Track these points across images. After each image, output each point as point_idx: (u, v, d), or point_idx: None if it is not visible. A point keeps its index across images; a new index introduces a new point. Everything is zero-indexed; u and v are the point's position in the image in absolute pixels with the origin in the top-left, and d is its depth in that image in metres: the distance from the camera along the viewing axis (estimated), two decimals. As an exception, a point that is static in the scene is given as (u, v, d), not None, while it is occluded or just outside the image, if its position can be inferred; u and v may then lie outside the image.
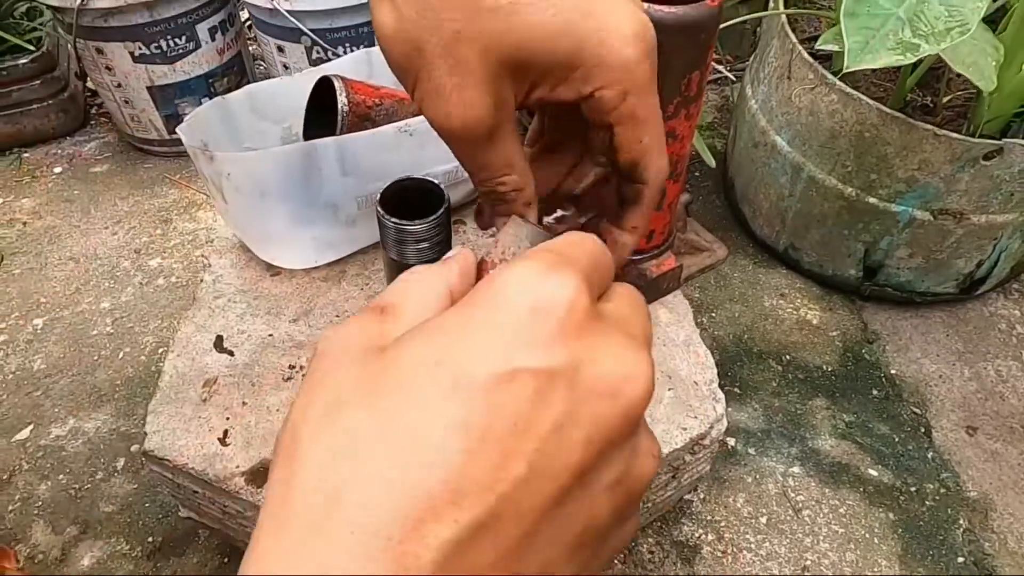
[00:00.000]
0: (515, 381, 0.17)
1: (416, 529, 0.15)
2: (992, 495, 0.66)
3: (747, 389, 0.75)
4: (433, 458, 0.16)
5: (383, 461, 0.17)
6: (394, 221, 0.32)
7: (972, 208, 0.69)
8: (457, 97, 0.27)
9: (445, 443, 0.16)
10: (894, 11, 0.49)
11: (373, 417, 0.17)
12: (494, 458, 0.16)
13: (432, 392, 0.17)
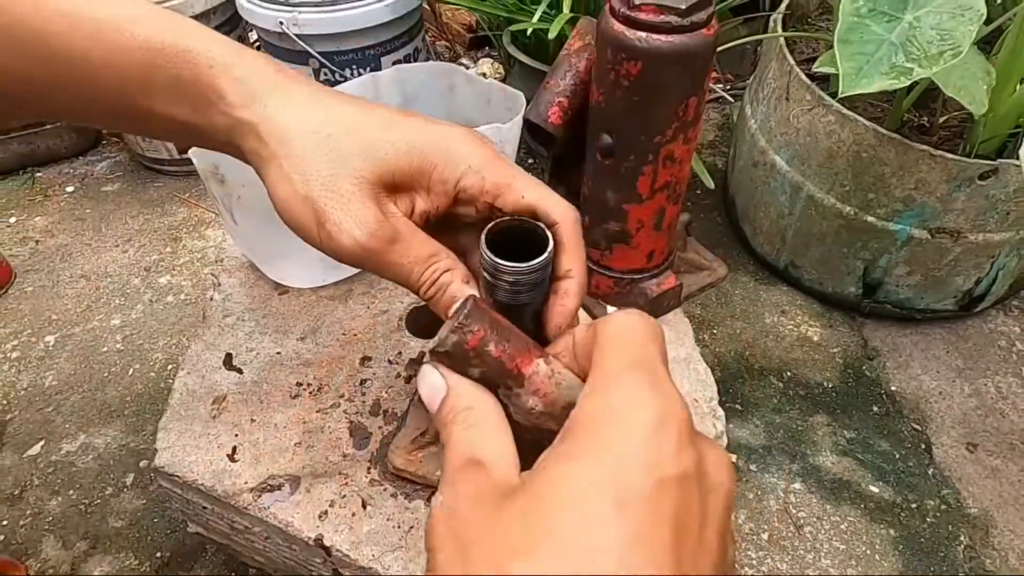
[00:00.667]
0: (666, 490, 0.20)
1: None
2: (993, 512, 0.66)
3: (748, 406, 0.76)
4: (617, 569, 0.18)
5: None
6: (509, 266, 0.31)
7: (969, 227, 0.70)
8: (351, 218, 0.32)
9: (625, 557, 0.18)
10: (887, 37, 0.50)
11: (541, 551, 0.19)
12: (667, 565, 0.19)
13: (596, 511, 0.19)
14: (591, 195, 0.55)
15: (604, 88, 0.48)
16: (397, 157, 0.34)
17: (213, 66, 0.34)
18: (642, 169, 0.51)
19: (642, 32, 0.44)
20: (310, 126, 0.34)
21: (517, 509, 0.20)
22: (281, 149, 0.33)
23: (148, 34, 0.34)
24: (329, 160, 0.33)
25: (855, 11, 0.51)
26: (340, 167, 0.33)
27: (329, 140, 0.34)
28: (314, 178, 0.33)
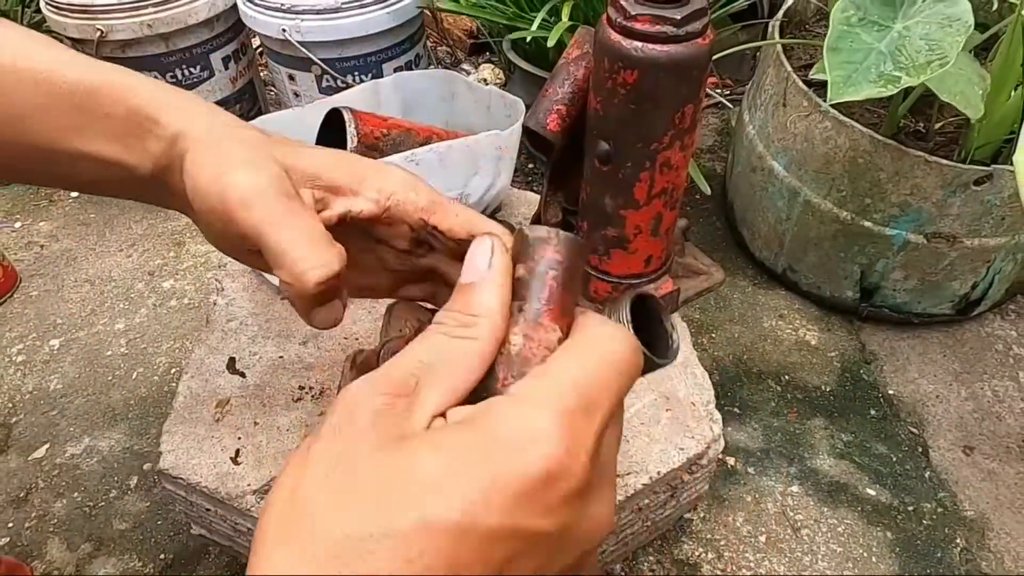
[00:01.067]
0: (510, 539, 0.19)
1: None
2: (989, 515, 0.67)
3: (746, 409, 0.76)
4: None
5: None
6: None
7: (965, 232, 0.71)
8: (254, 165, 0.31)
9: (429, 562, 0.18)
10: (876, 45, 0.51)
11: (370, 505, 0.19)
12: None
13: (436, 513, 0.19)
14: (589, 201, 0.56)
15: (601, 96, 0.49)
16: (326, 165, 0.33)
17: (148, 100, 0.34)
18: (639, 175, 0.51)
19: (638, 42, 0.45)
20: (244, 132, 0.33)
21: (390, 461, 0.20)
22: (206, 139, 0.33)
23: (81, 77, 0.34)
24: (251, 149, 0.32)
25: (845, 20, 0.52)
26: (261, 148, 0.32)
27: (259, 142, 0.33)
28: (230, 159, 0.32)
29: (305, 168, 0.33)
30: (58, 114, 0.34)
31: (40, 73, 0.33)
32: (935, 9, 0.50)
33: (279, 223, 0.30)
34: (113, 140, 0.34)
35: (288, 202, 0.31)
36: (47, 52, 0.34)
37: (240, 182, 0.31)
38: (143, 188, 0.36)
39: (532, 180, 1.07)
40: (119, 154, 0.34)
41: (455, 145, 0.59)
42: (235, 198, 0.31)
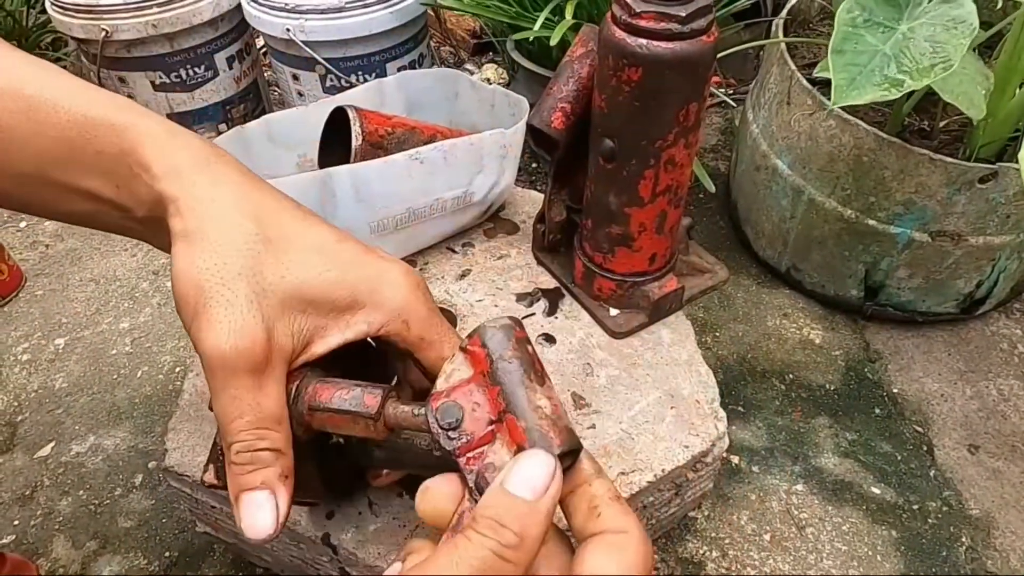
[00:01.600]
0: None
1: None
2: (994, 513, 0.67)
3: (751, 408, 0.76)
4: None
5: None
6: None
7: (969, 230, 0.71)
8: (228, 325, 0.29)
9: None
10: (880, 48, 0.51)
11: None
12: None
13: None
14: (593, 199, 0.56)
15: (606, 94, 0.49)
16: (321, 285, 0.32)
17: (143, 141, 0.33)
18: (644, 173, 0.51)
19: (643, 39, 0.45)
20: (234, 217, 0.32)
21: None
22: (196, 228, 0.31)
23: (79, 109, 0.33)
24: (241, 256, 0.31)
25: (851, 21, 0.52)
26: (249, 269, 0.31)
27: (249, 239, 0.31)
28: (215, 268, 0.30)
29: (297, 292, 0.32)
30: (48, 144, 0.33)
31: (35, 100, 0.33)
32: (940, 11, 0.50)
33: (227, 401, 0.30)
34: (105, 177, 0.33)
35: (241, 378, 0.30)
36: (49, 81, 0.33)
37: (206, 343, 0.29)
38: (141, 229, 0.35)
39: (536, 179, 1.07)
40: (111, 192, 0.33)
41: (459, 143, 0.59)
42: (202, 349, 0.30)
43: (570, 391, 0.56)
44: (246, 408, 0.30)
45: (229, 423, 0.30)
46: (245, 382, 0.30)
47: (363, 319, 0.33)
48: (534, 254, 0.68)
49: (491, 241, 0.70)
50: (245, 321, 0.30)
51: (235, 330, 0.29)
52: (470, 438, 0.28)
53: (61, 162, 0.33)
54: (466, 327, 0.61)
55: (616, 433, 0.53)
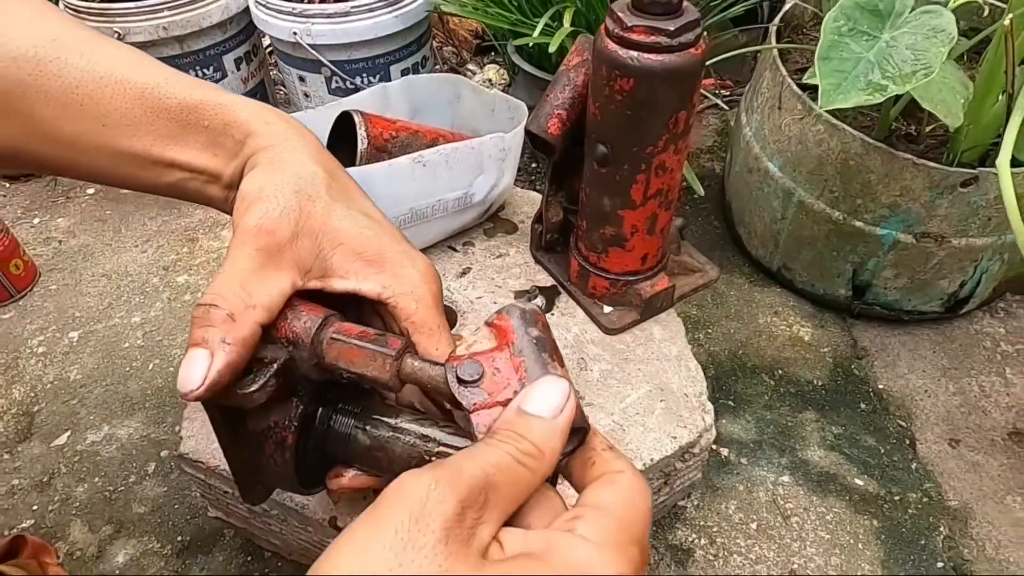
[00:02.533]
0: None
1: None
2: (972, 504, 0.70)
3: (741, 402, 0.79)
4: None
5: None
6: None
7: (952, 232, 0.73)
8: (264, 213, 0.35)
9: None
10: (865, 55, 0.53)
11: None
12: None
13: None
14: (588, 201, 0.59)
15: (600, 102, 0.52)
16: (358, 237, 0.36)
17: (243, 114, 0.38)
18: (635, 177, 0.54)
19: (634, 51, 0.48)
20: (308, 163, 0.37)
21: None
22: (275, 159, 0.37)
23: (185, 92, 0.37)
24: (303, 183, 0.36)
25: (836, 30, 0.54)
26: (306, 194, 0.36)
27: (317, 177, 0.37)
28: (279, 182, 0.35)
29: (332, 229, 0.36)
30: (160, 125, 0.37)
31: (144, 88, 0.37)
32: (921, 20, 0.53)
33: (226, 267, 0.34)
34: (206, 149, 0.38)
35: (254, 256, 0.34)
36: (150, 68, 0.38)
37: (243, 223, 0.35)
38: (216, 193, 0.39)
39: (535, 179, 1.10)
40: (208, 161, 0.38)
41: (460, 147, 0.62)
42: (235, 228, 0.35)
43: (565, 384, 0.58)
44: (232, 274, 0.33)
45: (214, 281, 0.34)
46: (252, 252, 0.34)
47: (381, 280, 0.37)
48: (532, 253, 0.71)
49: (491, 240, 0.73)
50: (280, 216, 0.35)
51: (267, 217, 0.35)
52: (487, 397, 0.29)
53: (170, 139, 0.37)
54: (466, 323, 0.64)
55: (608, 424, 0.56)
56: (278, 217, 0.35)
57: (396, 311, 0.37)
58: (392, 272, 0.37)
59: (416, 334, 0.37)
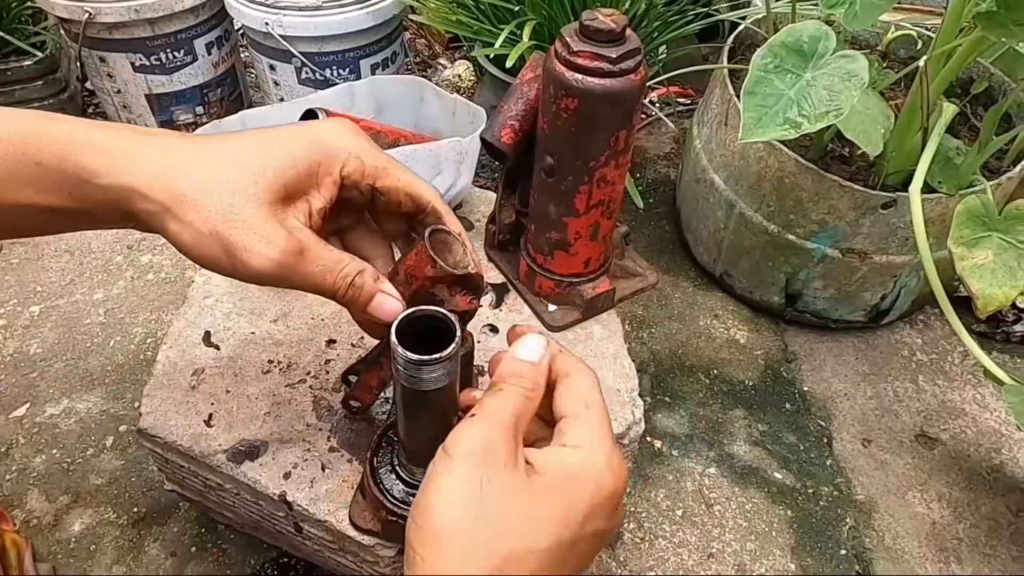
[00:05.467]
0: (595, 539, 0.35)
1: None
2: (877, 499, 0.76)
3: (676, 398, 0.85)
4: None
5: None
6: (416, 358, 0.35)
7: (874, 249, 0.79)
8: (260, 240, 0.35)
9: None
10: (787, 92, 0.58)
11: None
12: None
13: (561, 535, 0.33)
14: (536, 207, 0.63)
15: (548, 117, 0.56)
16: (284, 170, 0.37)
17: (73, 145, 0.34)
18: (579, 188, 0.58)
19: (579, 74, 0.52)
20: (191, 170, 0.35)
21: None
22: (172, 199, 0.34)
23: (6, 127, 0.34)
24: (222, 192, 0.35)
25: (763, 66, 0.59)
26: (235, 196, 0.35)
27: (216, 174, 0.35)
28: (214, 213, 0.34)
29: (275, 191, 0.36)
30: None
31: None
32: (839, 64, 0.58)
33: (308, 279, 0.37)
34: (52, 190, 0.35)
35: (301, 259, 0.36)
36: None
37: (260, 267, 0.35)
38: (105, 223, 0.37)
39: (497, 177, 1.14)
40: (62, 201, 0.35)
41: (419, 149, 0.65)
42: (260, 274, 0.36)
43: (507, 376, 0.63)
44: (319, 275, 0.38)
45: (324, 287, 0.38)
46: (306, 263, 0.37)
47: (327, 176, 0.39)
48: (486, 251, 0.75)
49: (447, 237, 0.77)
50: (268, 231, 0.35)
51: (269, 242, 0.35)
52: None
53: (5, 181, 0.34)
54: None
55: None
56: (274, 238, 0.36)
57: (351, 179, 0.40)
58: (325, 161, 0.39)
59: (379, 182, 0.41)
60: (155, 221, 0.35)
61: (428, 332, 0.36)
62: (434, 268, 0.41)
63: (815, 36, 0.59)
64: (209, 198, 0.35)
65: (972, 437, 0.83)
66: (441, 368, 0.35)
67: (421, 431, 0.41)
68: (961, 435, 0.83)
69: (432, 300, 0.44)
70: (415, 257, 0.41)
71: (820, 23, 0.61)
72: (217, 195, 0.35)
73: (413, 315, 0.36)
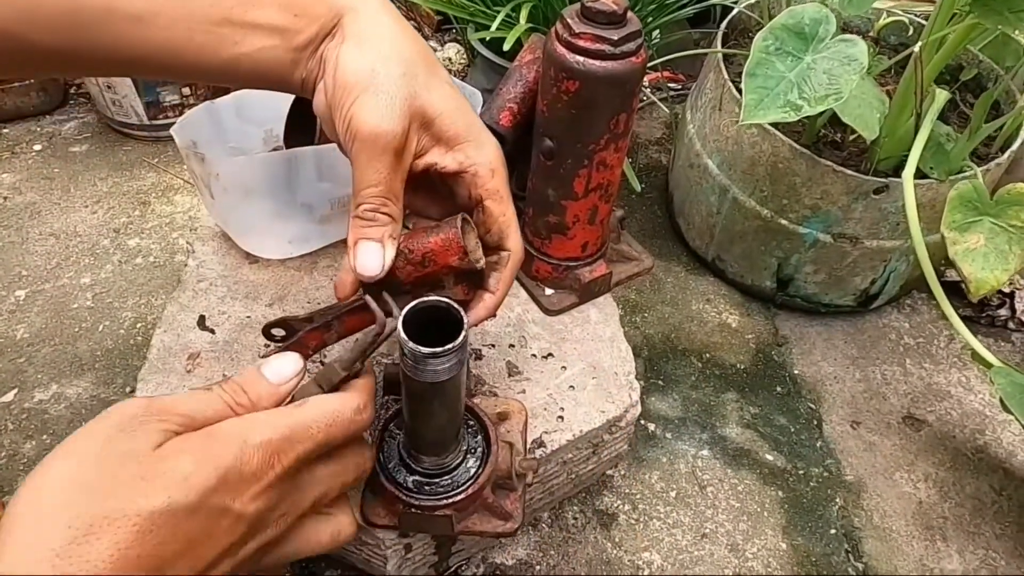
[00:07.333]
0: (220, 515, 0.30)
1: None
2: (865, 479, 0.78)
3: (669, 382, 0.85)
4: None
5: None
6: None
7: (865, 234, 0.80)
8: (386, 111, 0.38)
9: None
10: (787, 74, 0.58)
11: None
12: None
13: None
14: (534, 190, 0.63)
15: (547, 100, 0.56)
16: (447, 113, 0.40)
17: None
18: (578, 171, 0.58)
19: (580, 56, 0.51)
20: (400, 38, 0.39)
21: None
22: (370, 34, 0.38)
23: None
24: (403, 66, 0.38)
25: (764, 48, 0.59)
26: (407, 78, 0.38)
27: (412, 56, 0.39)
28: (382, 68, 0.38)
29: (428, 110, 0.39)
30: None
31: None
32: (839, 48, 0.58)
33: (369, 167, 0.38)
34: (285, 9, 0.39)
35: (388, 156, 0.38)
36: None
37: (367, 123, 0.37)
38: (283, 58, 0.40)
39: (490, 161, 1.13)
40: (288, 21, 0.39)
41: (417, 132, 0.65)
42: (358, 131, 0.37)
43: (505, 360, 0.63)
44: (382, 179, 0.38)
45: (365, 187, 0.39)
46: (388, 159, 0.38)
47: (462, 153, 0.41)
48: (481, 235, 0.74)
49: (443, 221, 0.76)
50: (399, 112, 0.38)
51: (392, 116, 0.37)
52: None
53: (249, 3, 0.38)
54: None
55: (543, 398, 0.61)
56: (397, 117, 0.38)
57: (476, 179, 0.42)
58: (474, 143, 0.42)
59: (488, 200, 0.43)
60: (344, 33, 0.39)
61: (427, 323, 0.36)
62: (461, 260, 0.41)
63: (816, 19, 0.59)
64: (390, 59, 0.38)
65: (957, 419, 0.85)
66: (454, 357, 0.35)
67: (433, 420, 0.41)
68: (947, 417, 0.85)
69: (435, 286, 0.44)
70: (441, 242, 0.41)
71: (821, 5, 0.61)
72: (397, 63, 0.38)
73: (417, 307, 0.36)
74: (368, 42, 0.39)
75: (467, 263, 0.41)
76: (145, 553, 0.26)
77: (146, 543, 0.26)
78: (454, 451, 0.45)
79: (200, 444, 0.30)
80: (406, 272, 0.42)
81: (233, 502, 0.29)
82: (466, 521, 0.47)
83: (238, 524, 0.30)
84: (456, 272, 0.42)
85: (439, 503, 0.44)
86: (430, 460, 0.45)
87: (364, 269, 0.40)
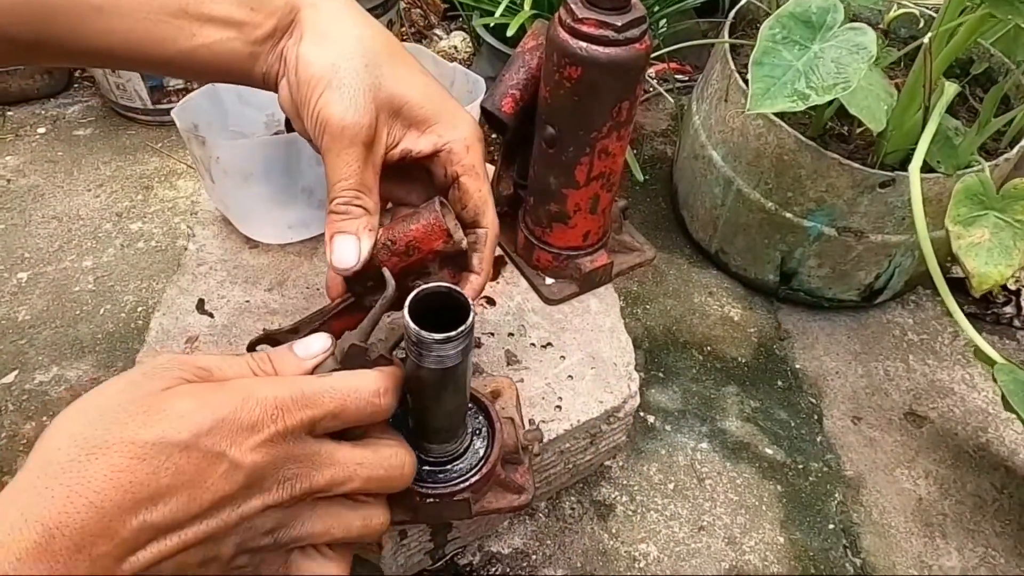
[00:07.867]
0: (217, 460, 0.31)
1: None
2: (865, 475, 0.77)
3: (670, 374, 0.85)
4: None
5: None
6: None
7: (870, 228, 0.80)
8: (351, 103, 0.38)
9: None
10: (794, 63, 0.58)
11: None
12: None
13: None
14: (536, 178, 0.62)
15: (550, 86, 0.55)
16: (415, 99, 0.40)
17: None
18: (580, 160, 0.58)
19: (583, 42, 0.51)
20: (359, 28, 0.39)
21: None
22: (327, 28, 0.38)
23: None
24: (364, 58, 0.38)
25: (771, 37, 0.59)
26: (368, 69, 0.38)
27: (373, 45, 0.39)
28: (343, 62, 0.38)
29: (395, 98, 0.39)
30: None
31: None
32: (847, 36, 0.57)
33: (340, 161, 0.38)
34: (242, 3, 0.39)
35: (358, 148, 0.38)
36: None
37: (333, 117, 0.37)
38: (241, 51, 0.40)
39: (493, 149, 1.13)
40: (244, 15, 0.39)
41: (418, 118, 0.64)
42: (326, 125, 0.38)
43: (504, 349, 0.63)
44: (352, 172, 0.39)
45: (337, 181, 0.39)
46: (357, 152, 0.38)
47: (435, 133, 0.41)
48: (482, 223, 0.74)
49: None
50: (364, 104, 0.38)
51: (356, 108, 0.38)
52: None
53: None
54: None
55: (541, 388, 0.61)
56: (363, 108, 0.38)
57: (451, 156, 0.42)
58: (447, 123, 0.42)
59: (464, 175, 0.42)
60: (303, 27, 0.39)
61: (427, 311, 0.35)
62: (446, 244, 0.40)
63: (823, 8, 0.58)
64: (351, 52, 0.38)
65: (960, 416, 0.84)
66: (463, 341, 0.35)
67: (442, 408, 0.41)
68: (949, 414, 0.84)
69: (420, 274, 0.44)
70: (423, 229, 0.40)
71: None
72: (358, 56, 0.38)
73: (419, 295, 0.35)
74: (328, 36, 0.39)
75: (452, 245, 0.40)
76: (137, 480, 0.28)
77: (138, 470, 0.28)
78: (462, 436, 0.45)
79: (205, 390, 0.32)
80: (392, 264, 0.42)
81: (229, 448, 0.30)
82: (482, 501, 0.47)
83: (234, 472, 0.30)
84: (441, 256, 0.42)
85: (457, 488, 0.44)
86: (439, 448, 0.44)
87: (340, 262, 0.40)
